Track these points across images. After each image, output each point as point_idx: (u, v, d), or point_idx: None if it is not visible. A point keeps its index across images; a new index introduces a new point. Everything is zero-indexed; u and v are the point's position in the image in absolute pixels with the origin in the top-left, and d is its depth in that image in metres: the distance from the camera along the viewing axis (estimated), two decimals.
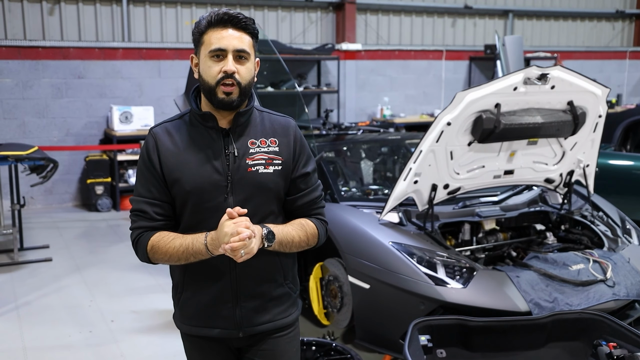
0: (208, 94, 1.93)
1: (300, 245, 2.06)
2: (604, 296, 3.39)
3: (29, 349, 4.08)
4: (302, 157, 2.07)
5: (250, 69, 1.96)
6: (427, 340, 2.93)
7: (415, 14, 10.26)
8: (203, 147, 1.98)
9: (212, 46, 1.89)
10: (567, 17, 11.60)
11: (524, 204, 4.27)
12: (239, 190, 1.96)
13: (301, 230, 2.05)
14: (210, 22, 1.92)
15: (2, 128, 7.69)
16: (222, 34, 1.90)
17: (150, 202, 2.00)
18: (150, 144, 2.01)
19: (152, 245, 1.98)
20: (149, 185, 1.99)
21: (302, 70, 9.35)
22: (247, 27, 1.94)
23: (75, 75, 7.98)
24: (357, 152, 5.28)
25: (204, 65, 1.93)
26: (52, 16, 7.94)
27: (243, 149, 1.98)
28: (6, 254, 5.96)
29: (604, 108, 3.99)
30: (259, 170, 1.97)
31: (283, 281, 2.11)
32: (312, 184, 2.10)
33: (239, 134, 1.99)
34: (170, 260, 1.97)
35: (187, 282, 2.07)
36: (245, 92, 1.94)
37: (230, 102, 1.92)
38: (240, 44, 1.91)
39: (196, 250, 1.91)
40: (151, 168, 1.99)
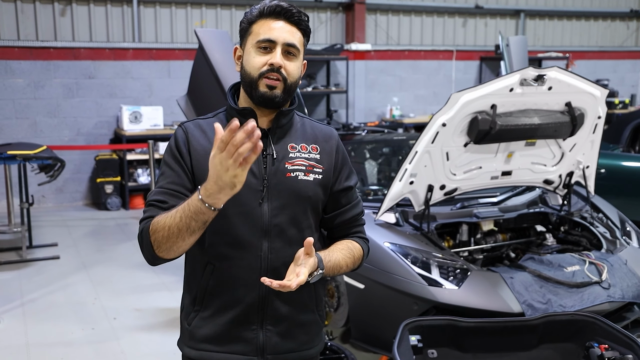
0: (249, 87, 1.78)
1: (346, 272, 1.92)
2: (598, 298, 3.39)
3: (32, 345, 4.15)
4: (345, 170, 1.92)
5: (298, 67, 1.81)
6: (418, 341, 2.95)
7: (425, 14, 10.25)
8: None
9: (261, 36, 1.76)
10: (580, 17, 11.51)
11: (523, 205, 4.26)
12: (275, 197, 1.79)
13: (349, 257, 1.88)
14: (262, 12, 1.78)
15: (14, 127, 7.82)
16: (272, 25, 1.77)
17: (171, 192, 1.76)
18: (180, 137, 1.82)
19: (153, 223, 1.68)
20: (174, 177, 1.78)
21: (312, 71, 9.39)
22: (301, 22, 1.80)
23: (86, 76, 8.08)
24: (360, 153, 5.30)
25: (248, 56, 1.78)
26: (63, 17, 8.05)
27: (282, 152, 1.81)
28: (15, 252, 6.06)
29: (603, 109, 3.97)
30: (298, 176, 1.81)
31: (315, 307, 1.93)
32: (353, 200, 1.94)
33: (279, 136, 1.83)
34: (170, 235, 1.63)
35: (209, 298, 1.83)
36: (290, 90, 1.79)
37: (273, 97, 1.76)
38: (292, 37, 1.77)
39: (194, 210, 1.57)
40: (180, 160, 1.79)
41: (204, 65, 4.41)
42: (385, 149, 5.24)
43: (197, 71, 4.69)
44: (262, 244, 1.79)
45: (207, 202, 1.55)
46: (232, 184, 1.50)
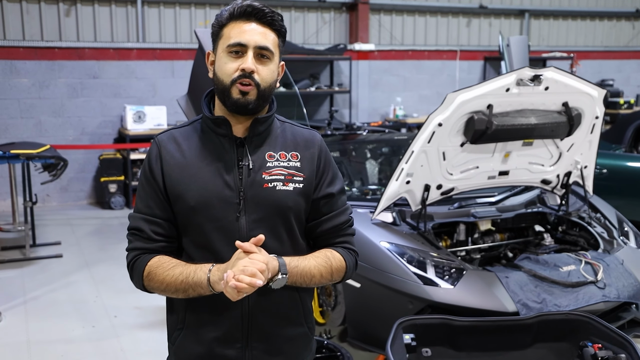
0: (222, 94, 1.71)
1: (321, 282, 1.78)
2: (593, 298, 3.39)
3: (33, 342, 4.20)
4: (327, 175, 1.81)
5: (273, 70, 1.72)
6: (411, 339, 2.97)
7: (429, 14, 10.25)
8: (213, 157, 1.73)
9: (231, 40, 1.67)
10: (585, 17, 11.47)
11: (521, 205, 4.27)
12: (253, 209, 1.71)
13: (324, 266, 1.77)
14: (232, 14, 1.70)
15: (19, 127, 7.88)
16: (244, 27, 1.68)
17: (148, 219, 1.74)
18: (153, 153, 1.76)
19: (149, 271, 1.71)
20: (149, 200, 1.75)
21: (315, 71, 9.41)
22: (274, 22, 1.71)
23: (91, 76, 8.13)
24: (360, 152, 5.32)
25: (220, 62, 1.70)
26: (68, 17, 8.10)
27: (259, 161, 1.73)
28: (19, 250, 6.11)
29: (601, 109, 3.98)
30: (276, 186, 1.72)
31: (303, 320, 1.85)
32: (337, 207, 1.83)
33: (256, 145, 1.75)
34: (166, 291, 1.70)
35: (190, 318, 1.78)
36: (264, 96, 1.70)
37: (246, 104, 1.68)
38: (264, 40, 1.68)
39: (196, 282, 1.64)
40: (152, 180, 1.74)
41: (203, 65, 4.43)
42: (385, 148, 5.25)
43: (196, 71, 4.73)
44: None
45: (212, 284, 1.64)
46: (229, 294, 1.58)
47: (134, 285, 1.79)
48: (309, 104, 9.37)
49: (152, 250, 1.75)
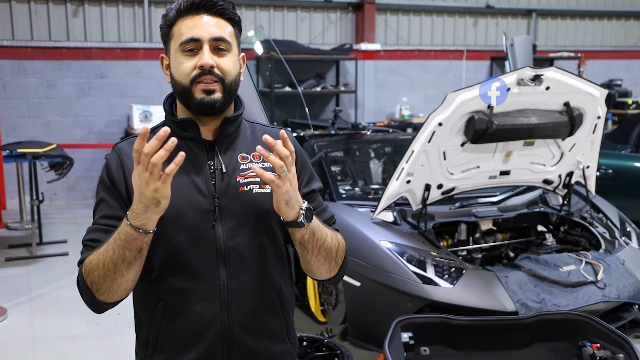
0: (183, 97, 1.57)
1: (331, 251, 1.61)
2: (593, 298, 3.39)
3: (37, 339, 4.24)
4: (304, 174, 1.71)
5: (234, 62, 1.59)
6: (409, 338, 2.99)
7: (436, 14, 10.24)
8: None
9: (183, 37, 1.54)
10: (594, 17, 11.42)
11: (523, 205, 4.27)
12: (230, 216, 1.58)
13: (332, 233, 1.63)
14: (179, 10, 1.57)
15: (27, 126, 7.94)
16: (194, 21, 1.55)
17: (104, 228, 1.54)
18: (113, 161, 1.61)
19: (85, 265, 1.50)
20: (108, 210, 1.57)
21: (321, 70, 9.42)
22: (225, 11, 1.59)
23: (98, 75, 8.18)
24: (364, 152, 5.34)
25: (175, 63, 1.56)
26: (76, 18, 8.16)
27: (232, 164, 1.61)
28: (25, 248, 6.16)
29: (603, 109, 3.97)
30: (253, 189, 1.59)
31: (286, 336, 1.71)
32: (319, 205, 1.72)
33: (226, 147, 1.63)
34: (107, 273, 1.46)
35: (163, 340, 1.60)
36: (230, 91, 1.58)
37: (213, 103, 1.55)
38: (218, 30, 1.56)
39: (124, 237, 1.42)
40: (114, 190, 1.58)
41: None
42: (388, 148, 5.26)
43: None
44: (220, 272, 1.58)
45: (135, 224, 1.40)
46: (155, 199, 1.36)
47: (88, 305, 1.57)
48: (314, 104, 9.39)
49: None
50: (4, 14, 7.82)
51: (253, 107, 4.24)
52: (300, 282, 4.39)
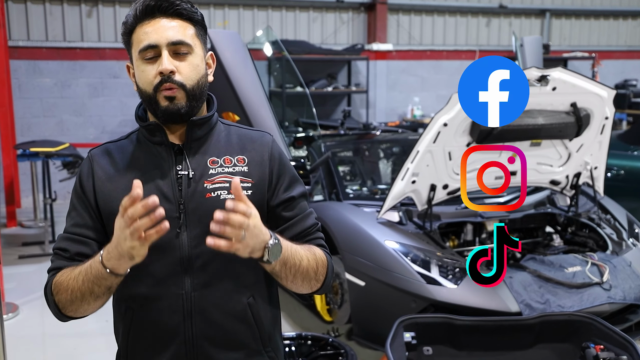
0: (149, 105, 1.54)
1: (308, 273, 1.54)
2: (598, 299, 3.38)
3: (48, 335, 4.30)
4: (283, 179, 1.63)
5: (197, 64, 1.54)
6: (412, 338, 3.00)
7: (448, 14, 10.22)
8: (149, 168, 1.56)
9: (141, 44, 1.50)
10: (608, 16, 11.33)
11: (530, 206, 4.26)
12: (195, 223, 1.52)
13: (310, 253, 1.56)
14: (136, 17, 1.52)
15: (41, 126, 8.04)
16: (151, 27, 1.50)
17: (74, 238, 1.56)
18: (84, 168, 1.61)
19: (55, 284, 1.51)
20: (77, 219, 1.58)
21: (333, 71, 9.44)
22: (183, 12, 1.53)
23: (111, 75, 8.27)
24: (373, 152, 5.35)
25: (138, 71, 1.53)
26: (90, 18, 8.25)
27: (200, 169, 1.56)
28: (38, 246, 6.24)
29: (611, 110, 3.95)
30: (220, 195, 1.53)
31: (261, 348, 1.61)
32: (301, 212, 1.64)
33: (195, 151, 1.58)
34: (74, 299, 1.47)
35: (131, 349, 1.60)
36: (194, 96, 1.53)
37: (176, 110, 1.51)
38: (176, 33, 1.51)
39: (95, 274, 1.42)
40: (83, 198, 1.58)
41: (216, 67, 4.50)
42: (396, 148, 5.27)
43: None
44: (184, 281, 1.54)
45: (107, 265, 1.39)
46: (130, 254, 1.35)
47: (54, 315, 1.56)
48: (326, 104, 9.41)
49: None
50: (20, 15, 7.94)
51: (261, 109, 4.28)
52: None
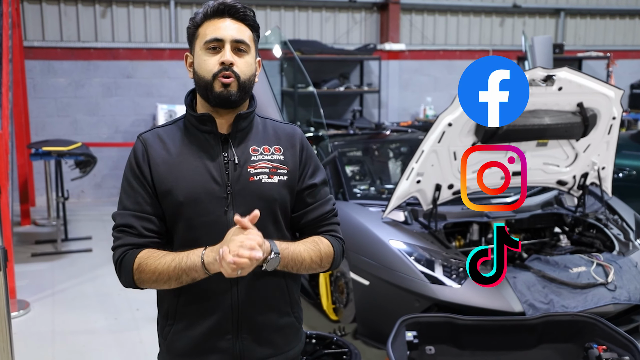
0: (204, 90, 1.75)
1: (311, 267, 1.81)
2: (603, 299, 3.37)
3: (57, 332, 4.36)
4: (309, 167, 1.87)
5: (251, 63, 1.79)
6: (414, 337, 3.00)
7: (461, 14, 10.19)
8: (199, 153, 1.78)
9: (208, 37, 1.74)
10: (624, 15, 11.22)
11: (537, 206, 4.24)
12: (241, 203, 1.75)
13: (314, 250, 1.81)
14: (206, 14, 1.77)
15: (55, 125, 8.14)
16: (218, 24, 1.76)
17: (138, 215, 1.75)
18: (139, 151, 1.80)
19: (140, 263, 1.71)
20: (137, 197, 1.76)
21: (345, 70, 9.45)
22: (247, 18, 1.79)
23: (124, 75, 8.35)
24: (382, 152, 5.36)
25: (199, 60, 1.76)
26: (104, 19, 8.34)
27: (244, 156, 1.79)
28: (51, 244, 6.33)
29: (619, 110, 3.92)
30: (262, 179, 1.77)
31: (290, 310, 1.89)
32: (321, 197, 1.88)
33: (240, 140, 1.81)
34: (158, 281, 1.70)
35: (180, 312, 1.80)
36: (245, 88, 1.76)
37: (229, 96, 1.73)
38: (239, 34, 1.76)
39: (189, 266, 1.65)
40: (140, 177, 1.77)
41: None
42: (404, 148, 5.27)
43: None
44: None
45: (206, 265, 1.64)
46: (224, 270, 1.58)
47: (122, 283, 1.78)
48: (338, 104, 9.43)
49: (142, 246, 1.74)
50: (35, 15, 8.04)
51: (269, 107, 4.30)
52: (314, 280, 4.43)
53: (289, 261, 1.74)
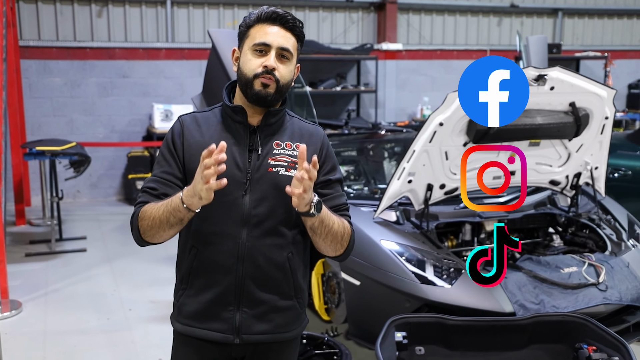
0: (244, 86, 1.93)
1: (337, 235, 1.93)
2: (594, 300, 3.35)
3: (49, 332, 4.35)
4: (327, 165, 2.03)
5: (291, 70, 1.96)
6: (403, 337, 2.99)
7: (459, 14, 10.17)
8: (228, 140, 1.93)
9: (257, 40, 1.91)
10: (622, 15, 11.21)
11: (530, 206, 4.23)
12: (257, 189, 1.93)
13: (340, 222, 1.94)
14: (259, 18, 1.94)
15: (51, 125, 8.13)
16: (268, 30, 1.92)
17: (162, 181, 1.95)
18: (176, 129, 1.99)
19: (142, 211, 1.90)
20: (167, 167, 1.96)
21: (342, 70, 9.44)
22: (295, 28, 1.96)
23: (121, 75, 8.34)
24: (377, 152, 5.35)
25: (245, 58, 1.93)
26: (100, 18, 8.33)
27: (267, 148, 1.96)
28: (45, 244, 6.31)
29: (611, 110, 3.91)
30: (279, 171, 1.94)
31: (293, 293, 2.04)
32: (335, 191, 2.03)
33: (267, 134, 1.98)
34: (153, 227, 1.87)
35: (192, 278, 2.00)
36: (282, 91, 1.94)
37: (266, 96, 1.91)
38: (285, 42, 1.93)
39: (174, 206, 1.80)
40: (173, 151, 1.97)
41: (216, 65, 4.54)
42: (399, 148, 5.26)
43: (210, 70, 4.82)
44: (242, 232, 1.94)
45: (184, 201, 1.78)
46: (199, 195, 1.73)
47: (134, 238, 1.96)
48: (335, 104, 9.42)
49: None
50: (31, 15, 8.04)
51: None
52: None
53: (325, 217, 1.87)
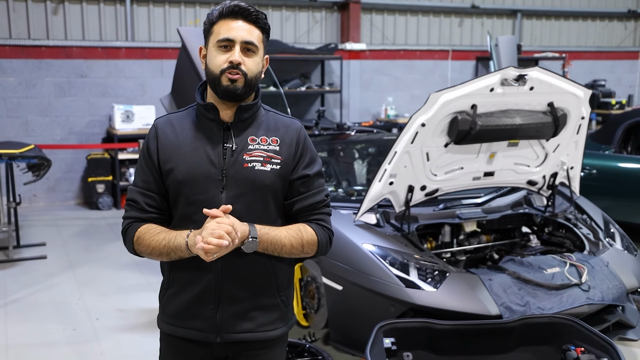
0: (213, 83, 1.92)
1: (292, 252, 1.95)
2: (577, 300, 3.35)
3: (11, 346, 4.13)
4: (304, 158, 2.00)
5: (258, 62, 1.94)
6: (392, 343, 2.93)
7: (421, 14, 10.21)
8: (201, 138, 1.96)
9: (220, 36, 1.90)
10: (578, 17, 11.45)
11: (507, 206, 4.22)
12: (233, 186, 1.92)
13: (295, 237, 1.94)
14: (221, 13, 1.92)
15: (5, 126, 7.80)
16: (231, 25, 1.91)
17: (143, 192, 1.98)
18: (151, 133, 2.01)
19: (138, 236, 1.95)
20: (145, 175, 1.99)
21: (306, 70, 9.35)
22: (258, 20, 1.94)
23: (79, 75, 8.06)
24: (348, 152, 5.27)
25: (211, 55, 1.93)
26: (56, 16, 8.02)
27: (242, 144, 1.95)
28: (2, 251, 6.03)
29: (587, 110, 3.93)
30: (255, 167, 1.92)
31: (275, 292, 2.03)
32: (313, 188, 2.00)
33: (240, 129, 1.96)
34: (152, 254, 1.94)
35: (174, 278, 2.02)
36: (250, 84, 1.92)
37: (235, 90, 1.89)
38: (249, 36, 1.91)
39: (176, 246, 1.87)
40: (148, 158, 1.98)
41: (186, 64, 4.39)
42: (372, 149, 5.20)
43: (180, 70, 4.68)
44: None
45: (190, 247, 1.85)
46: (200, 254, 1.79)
47: (127, 248, 2.03)
48: (299, 104, 9.32)
49: (143, 220, 1.98)
50: None
51: None
52: None
53: (268, 245, 1.90)
